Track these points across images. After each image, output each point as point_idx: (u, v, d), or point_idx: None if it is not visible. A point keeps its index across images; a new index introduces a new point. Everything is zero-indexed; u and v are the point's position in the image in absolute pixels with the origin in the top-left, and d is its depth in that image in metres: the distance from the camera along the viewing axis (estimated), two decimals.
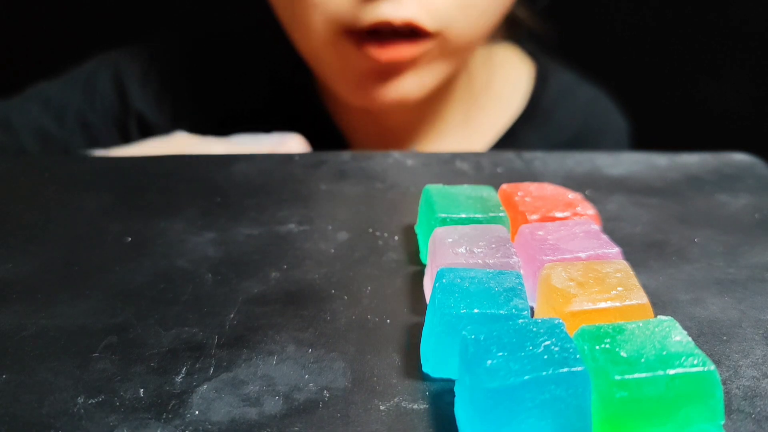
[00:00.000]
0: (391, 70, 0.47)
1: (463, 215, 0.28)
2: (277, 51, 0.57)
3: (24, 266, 0.29)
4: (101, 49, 0.60)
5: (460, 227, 0.27)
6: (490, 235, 0.26)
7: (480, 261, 0.25)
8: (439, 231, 0.26)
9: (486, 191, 0.30)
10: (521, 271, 0.24)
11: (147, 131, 0.57)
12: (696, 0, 0.71)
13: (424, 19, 0.45)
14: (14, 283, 0.27)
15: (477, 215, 0.28)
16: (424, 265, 0.28)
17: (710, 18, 0.71)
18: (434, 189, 0.30)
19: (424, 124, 0.57)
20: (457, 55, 0.50)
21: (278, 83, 0.59)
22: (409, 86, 0.48)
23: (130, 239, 0.31)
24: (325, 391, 0.21)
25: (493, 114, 0.59)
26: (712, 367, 0.19)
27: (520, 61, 0.62)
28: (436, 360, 0.22)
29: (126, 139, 0.57)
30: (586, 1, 0.71)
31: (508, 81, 0.60)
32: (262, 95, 0.58)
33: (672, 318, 0.20)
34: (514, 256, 0.25)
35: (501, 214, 0.28)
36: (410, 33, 0.46)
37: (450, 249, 0.25)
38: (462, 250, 0.25)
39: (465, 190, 0.30)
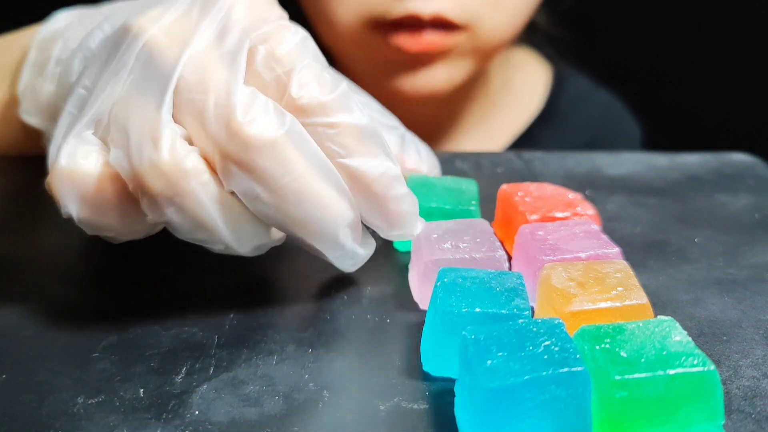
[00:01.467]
0: (421, 61, 0.47)
1: (434, 205, 0.29)
2: None
3: (24, 266, 0.29)
4: None
5: (443, 222, 0.27)
6: (474, 230, 0.26)
7: (467, 255, 0.25)
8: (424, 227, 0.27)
9: (467, 184, 0.31)
10: (507, 264, 0.25)
11: None
12: (697, 0, 0.71)
13: (453, 13, 0.45)
14: (14, 283, 0.27)
15: (447, 206, 0.29)
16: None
17: (711, 18, 0.71)
18: (416, 178, 0.31)
19: (443, 123, 0.57)
20: (488, 51, 0.50)
21: None
22: (439, 78, 0.48)
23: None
24: (325, 391, 0.21)
25: (510, 115, 0.59)
26: (712, 367, 0.19)
27: (537, 63, 0.62)
28: (436, 359, 0.22)
29: None
30: (586, 5, 0.71)
31: (525, 83, 0.61)
32: None
33: (672, 318, 0.20)
34: (500, 250, 0.25)
35: (471, 208, 0.29)
36: (438, 25, 0.46)
37: (436, 245, 0.25)
38: (448, 245, 0.25)
39: (446, 182, 0.31)
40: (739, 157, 0.39)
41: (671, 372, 0.18)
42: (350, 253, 0.25)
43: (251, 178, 0.23)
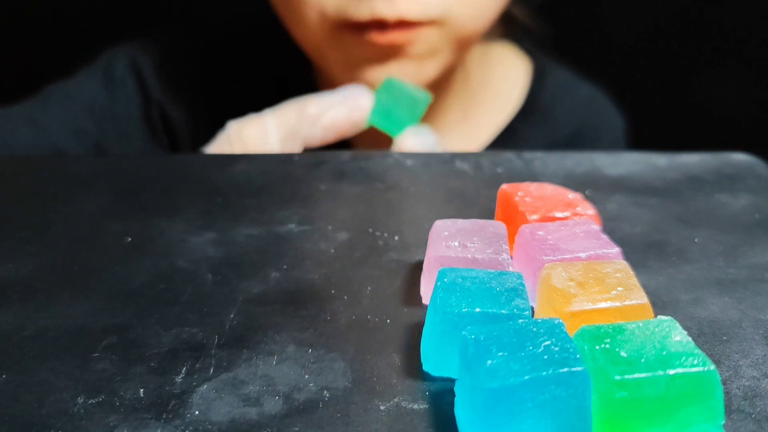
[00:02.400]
0: (391, 55, 0.48)
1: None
2: (279, 47, 0.57)
3: (24, 266, 0.29)
4: (103, 48, 0.60)
5: (460, 221, 0.27)
6: (487, 231, 0.26)
7: (469, 255, 0.25)
8: (439, 223, 0.27)
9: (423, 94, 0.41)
10: (510, 269, 0.25)
11: (168, 125, 0.57)
12: None
13: (417, 15, 0.46)
14: (14, 283, 0.27)
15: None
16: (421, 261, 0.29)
17: (710, 17, 0.71)
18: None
19: (423, 120, 0.57)
20: (459, 45, 0.50)
21: (281, 80, 0.59)
22: (410, 72, 0.49)
23: (130, 239, 0.31)
24: (325, 391, 0.21)
25: (491, 111, 0.59)
26: (712, 367, 0.19)
27: (517, 58, 0.62)
28: (436, 359, 0.22)
29: (153, 131, 0.57)
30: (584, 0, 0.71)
31: (505, 78, 0.61)
32: (265, 92, 0.58)
33: (672, 318, 0.20)
34: (504, 254, 0.25)
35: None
36: (404, 26, 0.47)
37: (443, 242, 0.26)
38: (455, 243, 0.25)
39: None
40: (739, 157, 0.39)
41: (671, 372, 0.18)
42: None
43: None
